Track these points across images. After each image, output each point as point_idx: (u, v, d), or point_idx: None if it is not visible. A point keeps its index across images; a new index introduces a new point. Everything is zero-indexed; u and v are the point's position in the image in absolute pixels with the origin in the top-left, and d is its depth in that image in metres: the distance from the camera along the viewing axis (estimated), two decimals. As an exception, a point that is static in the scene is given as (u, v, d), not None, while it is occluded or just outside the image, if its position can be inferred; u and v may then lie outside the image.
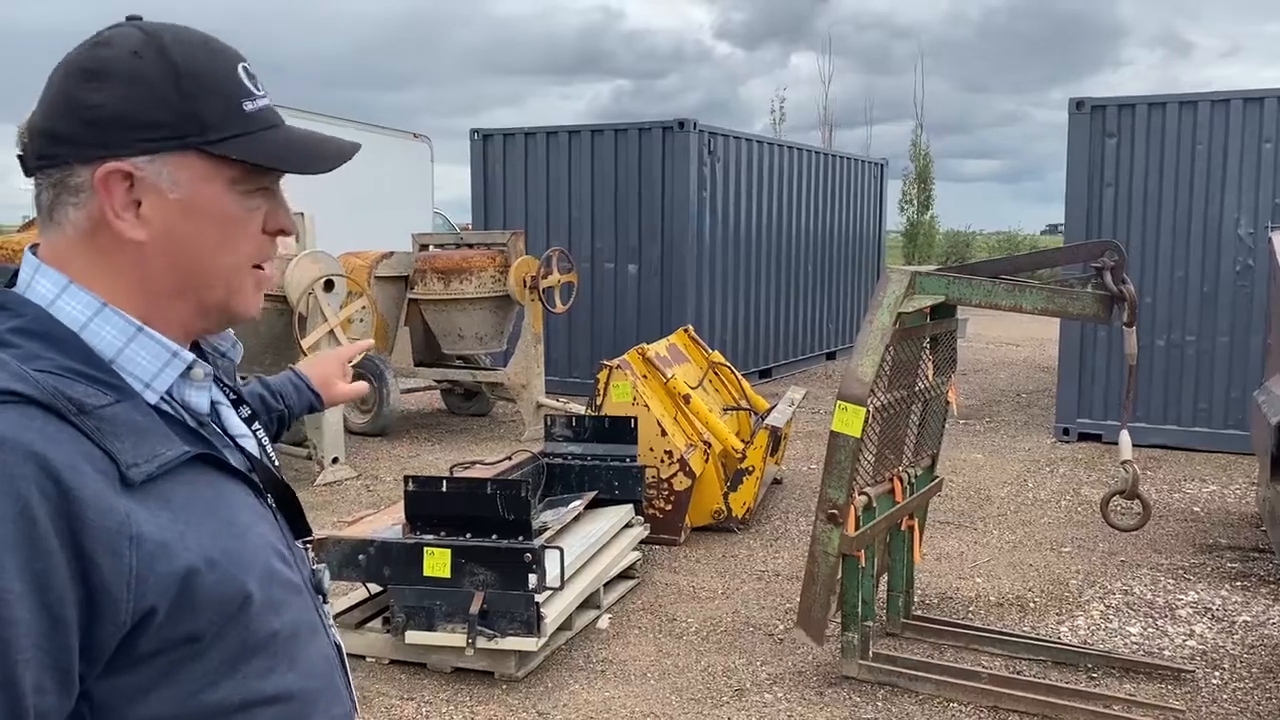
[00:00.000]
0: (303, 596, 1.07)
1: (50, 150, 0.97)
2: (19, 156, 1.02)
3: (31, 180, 1.01)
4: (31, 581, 0.83)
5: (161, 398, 0.99)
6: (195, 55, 0.99)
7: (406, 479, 4.25)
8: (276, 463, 1.15)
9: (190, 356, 1.01)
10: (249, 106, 1.01)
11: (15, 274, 1.00)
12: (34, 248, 1.01)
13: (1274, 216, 7.82)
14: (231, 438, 1.09)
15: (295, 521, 1.13)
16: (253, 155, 1.00)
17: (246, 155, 0.99)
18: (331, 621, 1.17)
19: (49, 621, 0.84)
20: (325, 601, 1.16)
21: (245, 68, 1.03)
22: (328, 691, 1.07)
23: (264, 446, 1.13)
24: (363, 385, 1.92)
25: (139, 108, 0.95)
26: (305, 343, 6.90)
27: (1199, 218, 8.17)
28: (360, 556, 4.16)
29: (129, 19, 1.03)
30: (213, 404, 1.07)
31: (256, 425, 1.13)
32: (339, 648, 1.14)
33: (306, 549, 1.15)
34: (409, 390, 10.11)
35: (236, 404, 1.12)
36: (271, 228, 1.05)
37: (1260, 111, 7.93)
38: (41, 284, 0.98)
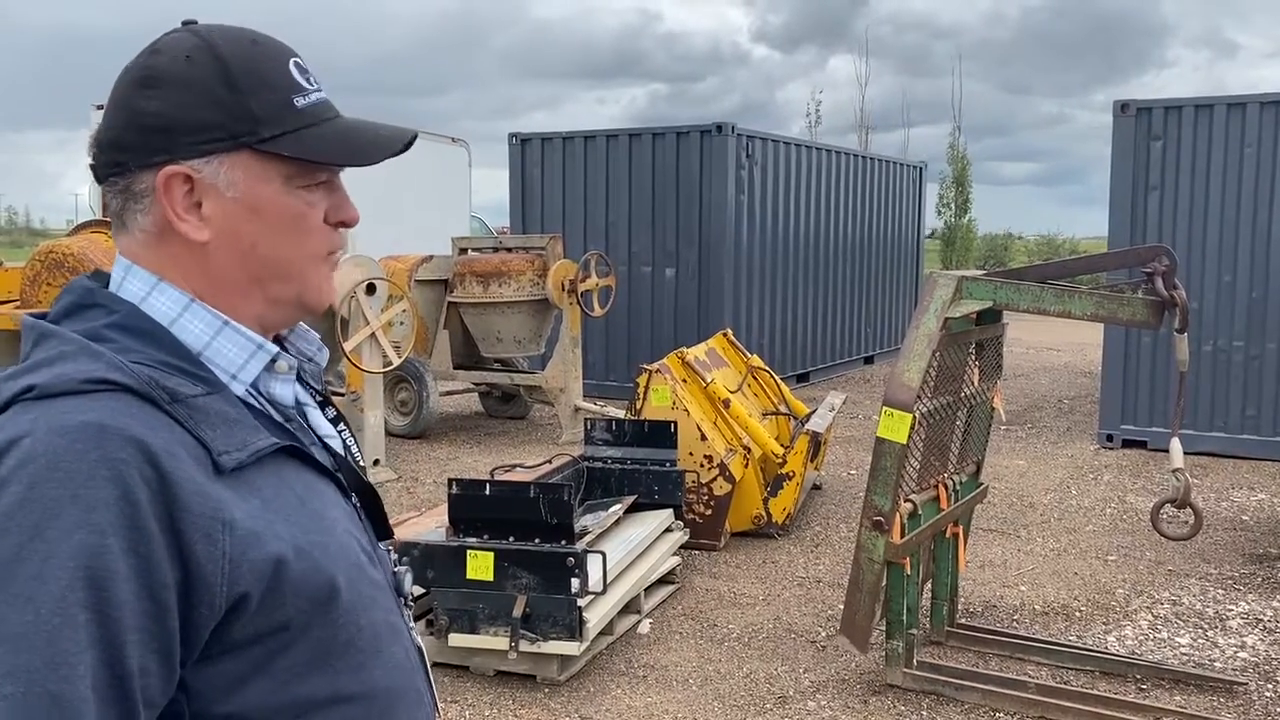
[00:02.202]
0: (386, 597, 1.07)
1: (114, 159, 1.00)
2: (90, 166, 1.05)
3: (87, 186, 1.03)
4: (136, 564, 0.84)
5: (249, 391, 1.01)
6: (245, 54, 1.00)
7: (450, 482, 4.27)
8: (361, 464, 1.16)
9: (274, 348, 1.03)
10: (301, 102, 1.01)
11: (109, 277, 1.03)
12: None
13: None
14: (319, 437, 1.10)
15: (378, 523, 1.14)
16: (302, 151, 1.00)
17: (296, 151, 1.00)
18: (413, 624, 1.17)
19: (152, 604, 0.85)
20: (407, 604, 1.17)
21: (297, 63, 1.03)
22: (411, 692, 1.07)
23: (349, 448, 1.14)
24: None
25: (192, 111, 0.97)
26: (348, 346, 6.96)
27: (1247, 222, 8.03)
28: (404, 559, 4.18)
29: (184, 24, 1.04)
30: (300, 404, 1.08)
31: (342, 426, 1.14)
32: (420, 650, 1.15)
33: (389, 551, 1.15)
34: (448, 393, 10.16)
35: (323, 405, 1.14)
36: (334, 220, 1.06)
37: (1311, 113, 7.78)
38: (133, 283, 1.00)
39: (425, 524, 4.55)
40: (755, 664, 4.35)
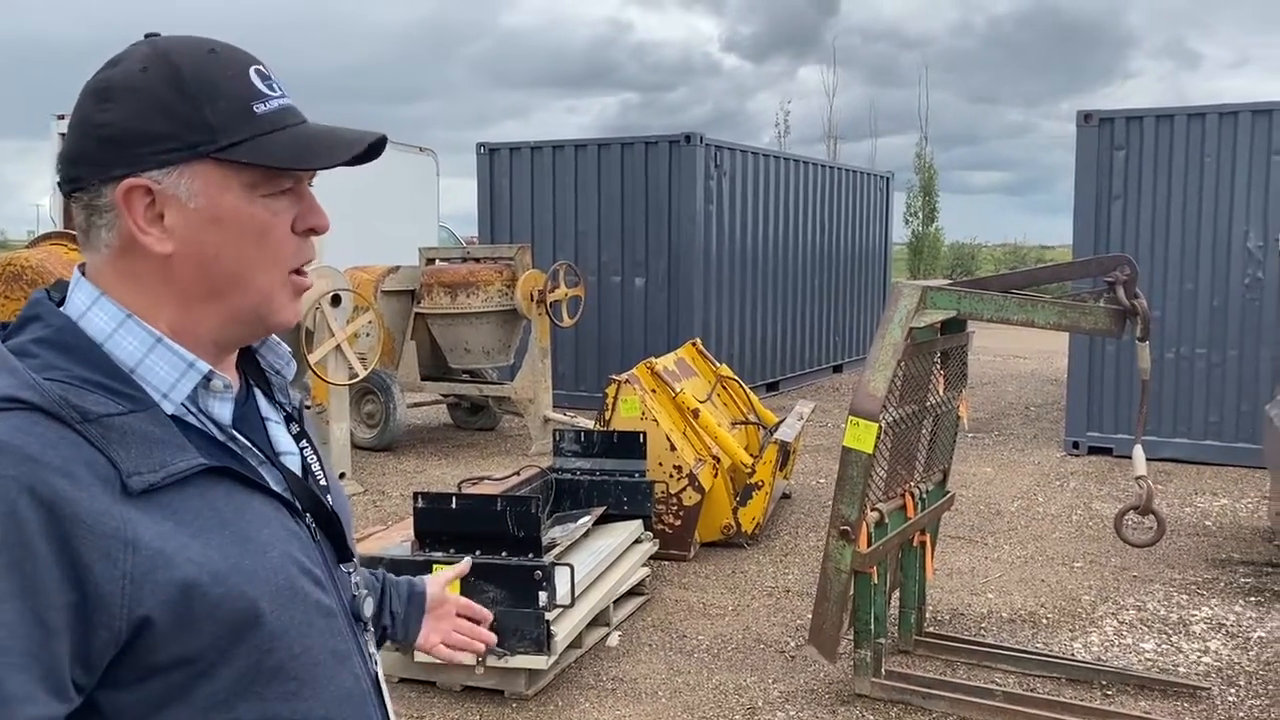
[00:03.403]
0: (335, 621, 1.04)
1: (76, 173, 0.99)
2: (57, 183, 1.04)
3: (49, 197, 1.02)
4: (19, 583, 0.83)
5: (186, 408, 0.99)
6: (201, 62, 0.98)
7: (416, 495, 4.23)
8: (325, 484, 1.13)
9: (206, 368, 1.00)
10: (261, 109, 1.00)
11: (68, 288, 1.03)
12: (82, 267, 1.03)
13: (1283, 229, 7.79)
14: (275, 454, 1.07)
15: (338, 545, 1.11)
16: (260, 157, 0.99)
17: (254, 158, 0.98)
18: (373, 650, 1.15)
19: (38, 626, 0.83)
20: (366, 629, 1.14)
21: (259, 70, 1.02)
22: None
23: (309, 467, 1.11)
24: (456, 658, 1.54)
25: (147, 121, 0.96)
26: (313, 358, 6.90)
27: (1208, 230, 8.14)
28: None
29: (147, 36, 1.03)
30: (261, 418, 1.07)
31: (305, 443, 1.12)
32: (376, 679, 1.12)
33: (349, 575, 1.13)
34: (415, 405, 10.10)
35: (289, 420, 1.12)
36: (301, 228, 1.04)
37: (1269, 123, 7.91)
38: (77, 297, 1.00)
39: (391, 538, 4.50)
40: (724, 675, 4.34)
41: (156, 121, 0.96)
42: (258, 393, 1.11)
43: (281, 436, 1.10)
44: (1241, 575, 5.58)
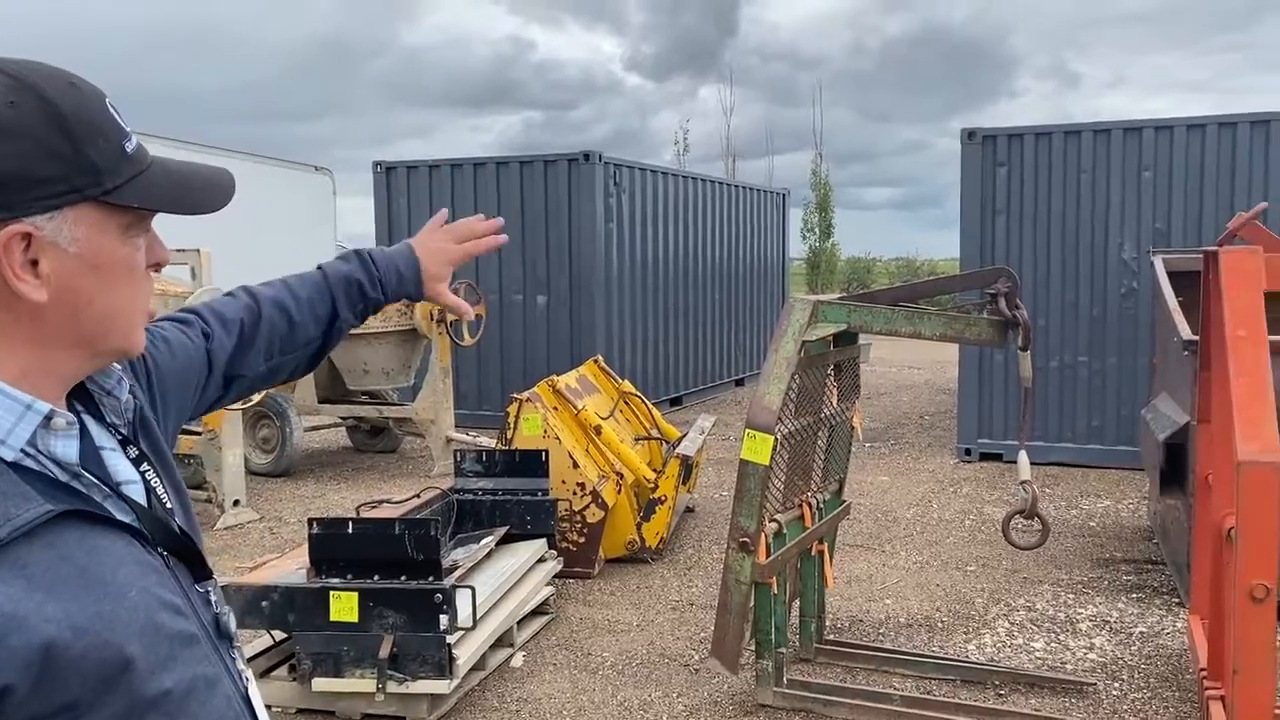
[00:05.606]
0: (199, 647, 1.02)
1: None
2: None
3: None
4: None
5: (24, 453, 0.93)
6: (72, 99, 0.94)
7: (310, 521, 4.13)
8: (169, 504, 1.09)
9: (46, 408, 0.95)
10: (129, 147, 0.97)
11: None
12: None
13: (1155, 241, 8.18)
14: (116, 485, 1.02)
15: (194, 565, 1.07)
16: (145, 200, 0.97)
17: (143, 201, 0.96)
18: (242, 666, 1.12)
19: None
20: (233, 646, 1.11)
21: (111, 103, 0.99)
22: None
23: (153, 490, 1.07)
24: (466, 306, 1.67)
25: (31, 164, 0.90)
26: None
27: (1085, 243, 8.51)
28: (263, 603, 4.03)
29: None
30: (96, 450, 1.02)
31: (146, 466, 1.07)
32: (247, 697, 1.09)
33: (208, 593, 1.09)
34: (313, 428, 9.88)
35: (125, 444, 1.07)
36: (151, 261, 1.03)
37: (1139, 141, 8.32)
38: None
39: (285, 566, 4.39)
40: (629, 691, 4.34)
41: (42, 165, 0.91)
42: (88, 419, 1.04)
43: (120, 464, 1.04)
44: (1124, 573, 5.82)
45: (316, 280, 1.51)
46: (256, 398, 7.13)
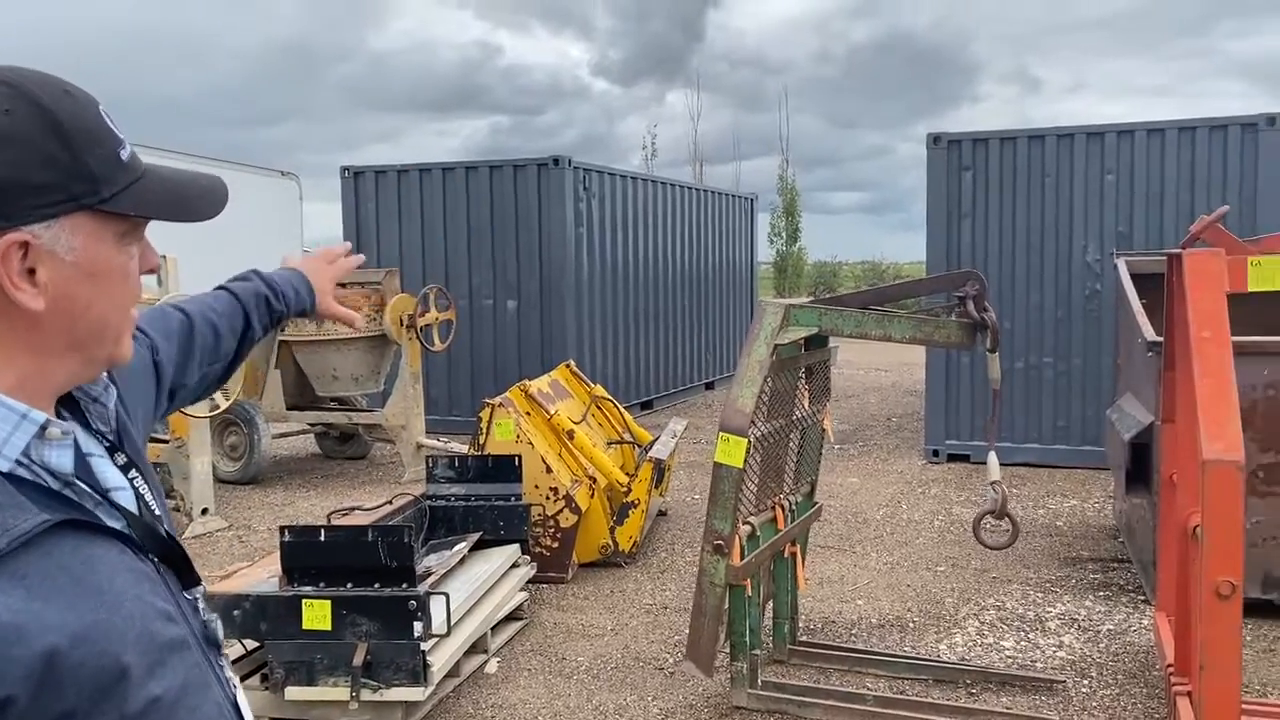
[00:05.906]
0: (189, 653, 1.02)
1: None
2: None
3: None
4: None
5: (19, 463, 0.93)
6: (69, 107, 0.94)
7: (282, 529, 4.10)
8: (157, 511, 1.09)
9: (42, 417, 0.95)
10: (124, 154, 0.97)
11: None
12: None
13: (1118, 244, 8.30)
14: (106, 492, 1.02)
15: (182, 572, 1.08)
16: (142, 208, 0.97)
17: (139, 210, 0.96)
18: (229, 674, 1.12)
19: None
20: (220, 653, 1.11)
21: (104, 110, 0.99)
22: None
23: (141, 496, 1.07)
24: (355, 316, 1.84)
25: (29, 172, 0.90)
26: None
27: (1050, 246, 8.62)
28: (235, 612, 3.99)
29: None
30: (84, 457, 1.01)
31: (134, 473, 1.07)
32: (234, 702, 1.09)
33: (196, 600, 1.10)
34: (281, 435, 9.80)
35: (112, 451, 1.06)
36: (144, 268, 1.03)
37: (1101, 145, 8.44)
38: None
39: (256, 574, 4.36)
40: (604, 696, 4.34)
41: (39, 172, 0.90)
42: (75, 426, 1.03)
43: (108, 471, 1.04)
44: (1091, 571, 5.90)
45: (227, 297, 1.59)
46: (224, 405, 7.06)
